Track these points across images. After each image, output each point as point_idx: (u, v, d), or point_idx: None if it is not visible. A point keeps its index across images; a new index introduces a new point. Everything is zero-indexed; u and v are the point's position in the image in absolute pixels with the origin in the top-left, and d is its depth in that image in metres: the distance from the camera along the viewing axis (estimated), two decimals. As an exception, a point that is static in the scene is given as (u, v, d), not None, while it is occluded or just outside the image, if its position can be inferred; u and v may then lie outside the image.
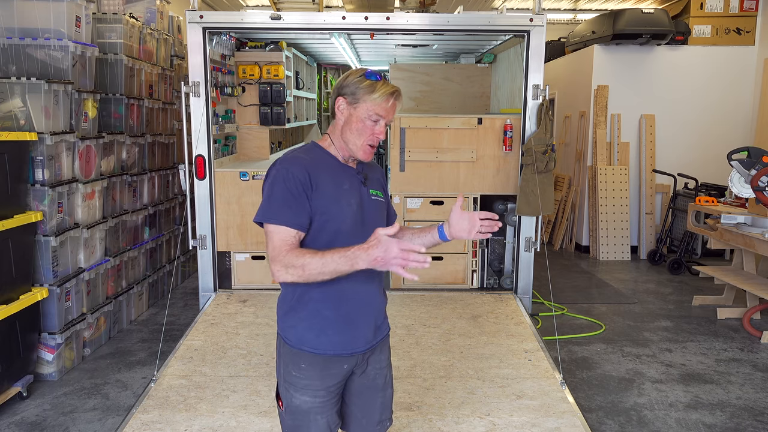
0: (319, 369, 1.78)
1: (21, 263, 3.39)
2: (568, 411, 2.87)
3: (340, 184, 1.78)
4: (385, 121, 1.79)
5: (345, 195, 1.78)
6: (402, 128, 4.62)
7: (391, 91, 1.78)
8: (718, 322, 4.88)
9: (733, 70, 7.12)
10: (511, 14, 4.36)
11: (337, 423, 1.89)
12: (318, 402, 1.80)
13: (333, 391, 1.83)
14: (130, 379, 3.74)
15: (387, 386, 1.96)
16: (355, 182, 1.83)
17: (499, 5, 9.36)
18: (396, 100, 1.80)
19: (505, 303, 4.44)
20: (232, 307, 4.31)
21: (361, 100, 1.76)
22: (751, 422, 3.27)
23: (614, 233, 7.07)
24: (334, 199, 1.75)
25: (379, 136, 1.79)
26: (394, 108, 1.80)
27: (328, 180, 1.76)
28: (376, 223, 1.83)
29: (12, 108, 3.53)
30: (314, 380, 1.78)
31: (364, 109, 1.76)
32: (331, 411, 1.84)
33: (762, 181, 4.45)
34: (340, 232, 1.75)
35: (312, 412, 1.80)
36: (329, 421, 1.84)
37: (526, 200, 4.41)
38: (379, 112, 1.76)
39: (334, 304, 1.77)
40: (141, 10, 5.25)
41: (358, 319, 1.81)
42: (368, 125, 1.77)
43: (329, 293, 1.76)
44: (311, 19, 4.30)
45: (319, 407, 1.80)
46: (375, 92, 1.75)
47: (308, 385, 1.78)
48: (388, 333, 1.97)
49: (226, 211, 4.57)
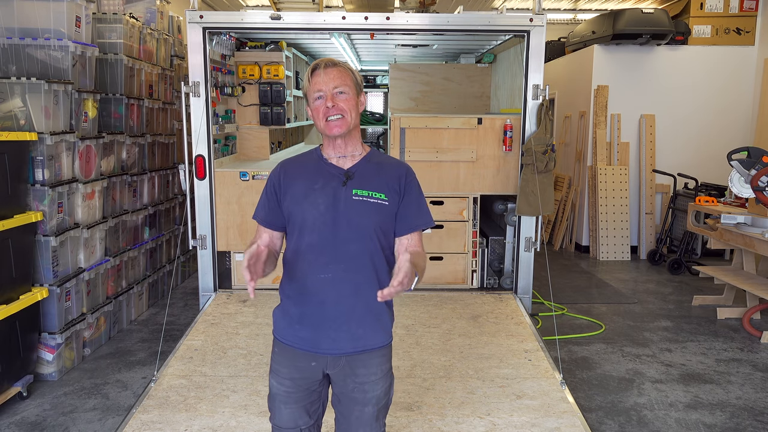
0: (287, 358, 1.85)
1: (21, 263, 3.39)
2: (568, 411, 2.87)
3: (312, 184, 1.81)
4: (328, 92, 1.77)
5: (312, 195, 1.80)
6: (402, 128, 4.62)
7: (312, 67, 1.81)
8: (718, 322, 4.88)
9: (733, 70, 7.12)
10: (511, 14, 4.36)
11: (309, 424, 1.87)
12: (282, 390, 1.85)
13: (300, 384, 1.84)
14: (130, 379, 3.74)
15: (366, 403, 1.83)
16: (333, 182, 1.81)
17: (499, 5, 9.36)
18: (322, 69, 1.79)
19: (505, 303, 4.44)
20: (232, 307, 4.31)
21: (306, 95, 1.84)
22: (751, 422, 3.27)
23: (614, 233, 7.07)
24: (298, 200, 1.81)
25: (327, 105, 1.77)
26: (329, 75, 1.78)
27: (301, 181, 1.83)
28: (359, 224, 1.78)
29: (12, 108, 3.53)
30: (282, 367, 1.86)
31: (309, 98, 1.83)
32: (296, 405, 1.84)
33: (762, 181, 4.45)
34: (303, 232, 1.80)
35: (277, 398, 1.87)
36: (295, 417, 1.85)
37: (526, 200, 4.41)
38: (314, 88, 1.79)
39: (295, 301, 1.84)
40: (141, 10, 5.25)
41: (321, 321, 1.80)
42: (317, 105, 1.79)
43: (294, 291, 1.84)
44: (311, 19, 4.30)
45: (283, 396, 1.85)
46: (306, 79, 1.82)
47: (277, 370, 1.87)
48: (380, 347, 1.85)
49: (226, 211, 4.57)
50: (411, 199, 1.86)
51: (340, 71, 1.79)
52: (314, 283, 1.79)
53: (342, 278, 1.78)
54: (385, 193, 1.82)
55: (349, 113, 1.79)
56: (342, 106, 1.78)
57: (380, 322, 1.85)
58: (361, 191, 1.80)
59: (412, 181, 1.88)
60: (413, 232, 1.86)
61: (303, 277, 1.80)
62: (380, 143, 9.23)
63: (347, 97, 1.79)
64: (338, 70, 1.79)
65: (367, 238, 1.79)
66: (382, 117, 9.07)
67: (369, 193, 1.80)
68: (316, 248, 1.79)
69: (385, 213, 1.82)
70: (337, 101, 1.77)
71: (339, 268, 1.78)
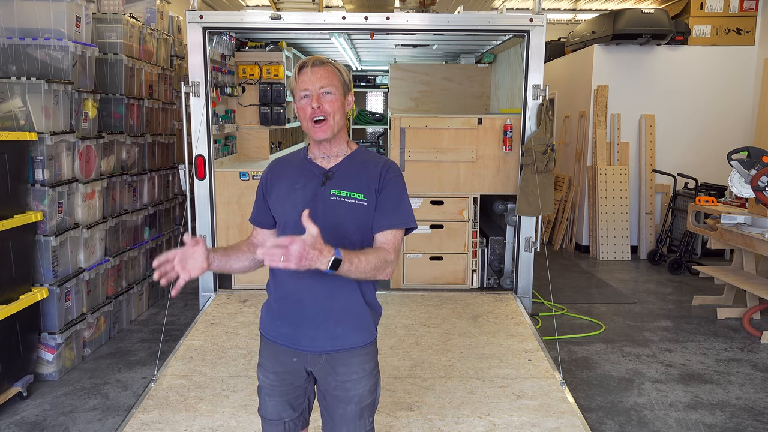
0: (270, 353, 1.88)
1: (21, 263, 3.39)
2: (568, 411, 2.87)
3: (294, 184, 1.83)
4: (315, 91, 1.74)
5: (293, 194, 1.81)
6: (402, 128, 4.62)
7: (299, 65, 1.77)
8: (718, 322, 4.88)
9: (733, 70, 7.12)
10: (511, 14, 4.36)
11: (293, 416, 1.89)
12: (267, 383, 1.89)
13: (284, 379, 1.86)
14: (130, 379, 3.74)
15: (348, 401, 1.82)
16: (313, 182, 1.80)
17: (499, 5, 9.36)
18: (309, 67, 1.75)
19: (505, 303, 4.44)
20: (232, 307, 4.31)
21: (293, 93, 1.82)
22: (751, 422, 3.27)
23: (614, 233, 7.07)
24: (281, 200, 1.84)
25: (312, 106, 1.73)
26: (316, 75, 1.74)
27: (285, 181, 1.85)
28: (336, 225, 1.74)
29: (12, 108, 3.53)
30: (267, 361, 1.89)
31: (295, 97, 1.80)
32: (280, 399, 1.87)
33: (762, 181, 4.45)
34: (285, 231, 1.81)
35: (263, 391, 1.91)
36: (279, 409, 1.88)
37: (526, 200, 4.41)
38: (301, 87, 1.75)
39: (276, 298, 1.87)
40: (141, 10, 5.25)
41: (300, 320, 1.80)
42: (303, 105, 1.77)
43: (275, 287, 1.87)
44: (311, 19, 4.30)
45: (268, 388, 1.89)
46: (293, 77, 1.80)
47: (263, 363, 1.90)
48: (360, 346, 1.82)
49: (226, 211, 4.57)
50: (388, 196, 1.78)
51: (327, 71, 1.76)
52: (292, 283, 1.79)
53: (319, 278, 1.72)
54: (364, 193, 1.77)
55: (332, 116, 1.75)
56: (327, 108, 1.75)
57: (360, 322, 1.82)
58: (339, 191, 1.77)
59: (392, 178, 1.80)
60: (387, 230, 1.76)
61: (282, 276, 1.81)
62: (380, 143, 9.23)
63: (333, 98, 1.76)
64: (326, 69, 1.76)
65: (344, 238, 1.74)
66: (382, 117, 9.07)
67: (347, 194, 1.76)
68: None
69: (362, 213, 1.76)
70: (322, 102, 1.74)
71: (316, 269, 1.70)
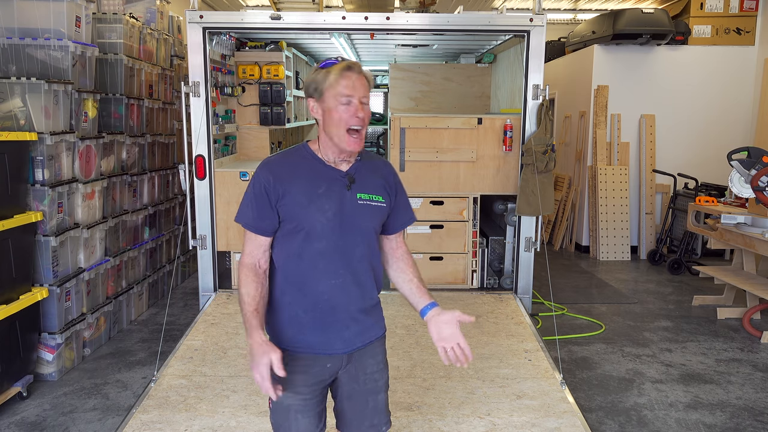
0: (300, 366, 1.79)
1: (21, 263, 3.39)
2: (568, 411, 2.87)
3: (316, 188, 1.75)
4: (357, 99, 1.70)
5: (318, 199, 1.73)
6: (402, 128, 4.62)
7: (345, 66, 1.70)
8: (718, 322, 4.88)
9: (733, 70, 7.12)
10: (511, 14, 4.36)
11: (318, 425, 1.86)
12: (299, 400, 1.79)
13: (315, 390, 1.82)
14: (130, 379, 3.74)
15: (379, 391, 1.89)
16: (336, 186, 1.76)
17: (499, 5, 9.36)
18: (356, 73, 1.70)
19: (505, 303, 4.44)
20: (232, 307, 4.30)
21: (324, 91, 1.71)
22: (751, 422, 3.27)
23: (614, 233, 7.07)
24: (303, 205, 1.73)
25: (357, 115, 1.70)
26: (361, 82, 1.71)
27: (301, 184, 1.75)
28: (363, 228, 1.79)
29: (12, 108, 3.53)
30: (296, 376, 1.78)
31: (329, 96, 1.70)
32: (312, 412, 1.82)
33: (762, 181, 4.45)
34: (310, 238, 1.74)
35: (292, 409, 1.80)
36: (312, 425, 1.83)
37: (526, 200, 4.41)
38: (344, 91, 1.68)
39: (304, 309, 1.78)
40: (141, 10, 5.25)
41: (332, 323, 1.79)
42: (341, 110, 1.69)
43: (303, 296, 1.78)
44: (311, 19, 4.30)
45: (300, 406, 1.79)
46: (331, 75, 1.69)
47: (292, 381, 1.76)
48: (380, 337, 1.91)
49: (226, 211, 4.57)
50: (401, 198, 1.90)
51: (367, 80, 1.74)
52: (324, 289, 1.77)
53: (351, 281, 1.78)
54: (383, 196, 1.82)
55: (365, 127, 1.76)
56: (365, 119, 1.73)
57: (379, 311, 1.92)
58: (364, 195, 1.78)
59: (398, 180, 1.91)
60: (401, 230, 1.91)
61: (313, 283, 1.76)
62: (380, 143, 9.24)
63: (368, 109, 1.75)
64: (367, 78, 1.74)
65: (370, 240, 1.82)
66: (382, 117, 9.07)
67: (370, 197, 1.79)
68: (326, 255, 1.75)
69: (382, 215, 1.84)
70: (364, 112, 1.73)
71: (348, 272, 1.78)
